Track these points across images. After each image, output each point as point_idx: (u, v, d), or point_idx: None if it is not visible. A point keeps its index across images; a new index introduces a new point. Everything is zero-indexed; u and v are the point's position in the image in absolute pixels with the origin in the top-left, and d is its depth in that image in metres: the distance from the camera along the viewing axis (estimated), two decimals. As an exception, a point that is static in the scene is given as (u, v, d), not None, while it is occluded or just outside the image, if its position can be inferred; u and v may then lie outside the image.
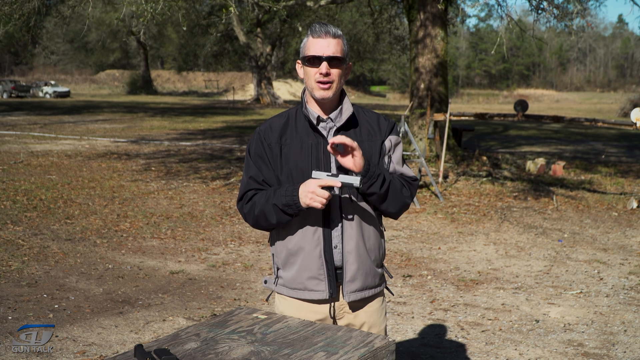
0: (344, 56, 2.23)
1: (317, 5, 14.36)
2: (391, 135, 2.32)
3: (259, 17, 32.82)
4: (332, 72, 2.20)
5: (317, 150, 2.23)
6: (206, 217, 7.87)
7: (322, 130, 2.25)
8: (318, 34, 2.21)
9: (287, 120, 2.29)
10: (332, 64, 2.20)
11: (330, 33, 2.21)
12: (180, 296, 5.05)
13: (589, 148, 17.23)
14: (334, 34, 2.21)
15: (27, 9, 12.54)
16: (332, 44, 2.20)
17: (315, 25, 2.23)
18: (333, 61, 2.20)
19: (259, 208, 2.21)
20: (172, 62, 55.84)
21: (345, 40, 2.26)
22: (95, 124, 21.68)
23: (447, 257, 6.44)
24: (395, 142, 2.33)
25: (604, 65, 75.76)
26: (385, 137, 2.31)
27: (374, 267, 2.31)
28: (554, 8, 12.19)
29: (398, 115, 16.31)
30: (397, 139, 2.34)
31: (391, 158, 2.31)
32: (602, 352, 4.13)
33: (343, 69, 2.23)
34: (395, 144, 2.33)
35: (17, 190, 9.08)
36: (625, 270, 6.06)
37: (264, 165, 2.26)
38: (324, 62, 2.19)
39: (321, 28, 2.22)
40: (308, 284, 2.27)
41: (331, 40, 2.20)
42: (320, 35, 2.20)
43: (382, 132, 2.30)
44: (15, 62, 58.06)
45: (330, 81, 2.20)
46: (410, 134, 9.50)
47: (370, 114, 2.35)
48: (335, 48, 2.20)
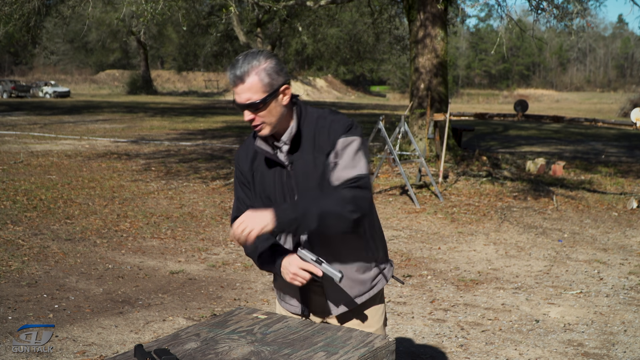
0: (264, 94, 2.03)
1: (317, 5, 14.36)
2: (341, 138, 2.10)
3: (259, 17, 32.80)
4: (256, 117, 2.06)
5: (281, 179, 2.18)
6: (206, 217, 7.87)
7: (281, 156, 2.17)
8: (231, 81, 2.05)
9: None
10: (252, 109, 2.05)
11: (238, 78, 2.02)
12: (180, 296, 5.05)
13: (589, 148, 17.23)
14: (242, 77, 2.02)
15: (27, 9, 12.54)
16: (244, 90, 2.03)
17: (228, 70, 2.05)
18: (251, 107, 2.05)
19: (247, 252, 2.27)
20: (172, 62, 55.85)
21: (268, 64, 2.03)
22: (95, 124, 21.68)
23: (447, 257, 6.44)
24: (345, 144, 2.10)
25: (604, 65, 75.78)
26: (333, 146, 2.10)
27: (358, 276, 2.23)
28: (554, 8, 12.19)
29: (398, 115, 16.31)
30: (349, 139, 2.10)
31: (337, 165, 2.10)
32: (602, 352, 4.13)
33: (269, 105, 2.06)
34: (344, 147, 2.09)
35: (17, 190, 9.08)
36: (625, 270, 6.06)
37: (247, 190, 2.26)
38: (245, 110, 2.06)
39: (230, 74, 2.04)
40: (285, 297, 2.33)
41: (242, 87, 2.03)
42: (232, 83, 2.05)
43: (331, 141, 2.10)
44: (15, 62, 58.07)
45: (259, 124, 2.08)
46: (410, 134, 9.50)
47: (324, 122, 2.14)
48: (248, 94, 2.03)
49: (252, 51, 2.07)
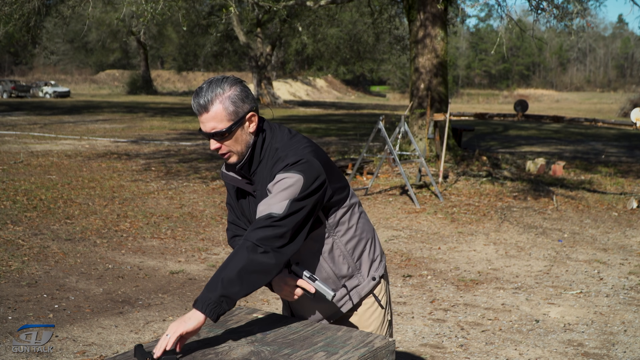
0: (229, 123, 2.01)
1: (317, 5, 14.37)
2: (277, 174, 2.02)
3: (259, 17, 32.82)
4: (222, 145, 2.05)
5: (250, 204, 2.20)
6: (206, 217, 7.87)
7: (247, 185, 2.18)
8: (195, 110, 2.03)
9: None
10: (218, 138, 2.03)
11: (202, 107, 2.00)
12: (180, 296, 5.05)
13: (589, 148, 17.22)
14: (205, 106, 1.99)
15: (27, 9, 12.54)
16: (208, 119, 2.00)
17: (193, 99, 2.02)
18: (216, 136, 2.02)
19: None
20: (172, 62, 55.86)
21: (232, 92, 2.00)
22: (95, 124, 21.68)
23: (447, 257, 6.44)
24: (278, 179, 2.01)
25: (604, 65, 75.77)
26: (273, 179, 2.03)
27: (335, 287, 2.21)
28: (554, 8, 12.18)
29: (398, 115, 16.31)
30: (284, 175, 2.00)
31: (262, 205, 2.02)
32: (602, 352, 4.13)
33: (235, 134, 2.03)
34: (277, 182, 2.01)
35: (17, 190, 9.08)
36: (625, 270, 6.06)
37: (233, 202, 2.31)
38: (211, 139, 2.04)
39: (194, 103, 2.01)
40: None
41: (206, 116, 2.00)
42: (196, 112, 2.02)
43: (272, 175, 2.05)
44: (15, 62, 58.08)
45: (225, 152, 2.07)
46: (410, 134, 9.50)
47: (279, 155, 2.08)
48: (213, 123, 2.00)
49: (217, 78, 2.04)
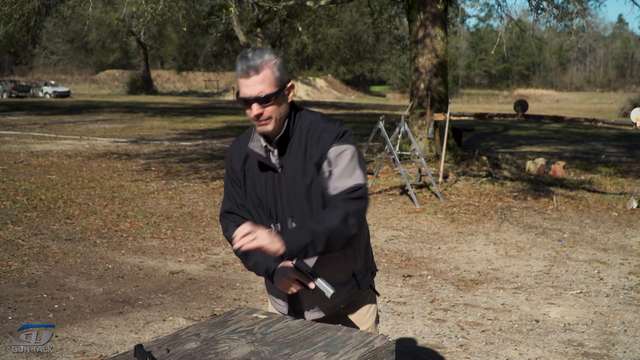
0: (275, 88, 2.06)
1: (317, 5, 14.37)
2: (333, 147, 2.09)
3: (259, 17, 32.81)
4: (265, 110, 2.07)
5: (272, 181, 2.18)
6: (206, 217, 7.87)
7: (273, 159, 2.18)
8: (241, 72, 2.04)
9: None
10: (263, 102, 2.06)
11: (252, 69, 2.02)
12: (180, 296, 5.05)
13: (589, 148, 17.22)
14: (257, 68, 2.03)
15: (27, 9, 12.55)
16: (257, 81, 2.03)
17: (238, 61, 2.05)
18: (262, 100, 2.05)
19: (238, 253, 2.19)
20: (172, 62, 55.88)
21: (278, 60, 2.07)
22: (95, 124, 21.68)
23: (447, 257, 6.44)
24: (338, 152, 2.08)
25: (604, 65, 75.77)
26: (324, 155, 2.09)
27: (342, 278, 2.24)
28: (554, 8, 12.19)
29: (398, 115, 16.31)
30: (342, 147, 2.09)
31: (332, 174, 2.08)
32: (602, 352, 4.13)
33: (279, 100, 2.08)
34: (337, 155, 2.08)
35: (17, 190, 9.08)
36: (625, 270, 6.06)
37: (238, 188, 2.27)
38: (254, 103, 2.05)
39: (242, 65, 2.03)
40: (273, 296, 2.36)
41: (256, 78, 2.03)
42: (244, 74, 2.04)
43: (320, 149, 2.10)
44: (15, 62, 58.09)
45: (266, 118, 2.08)
46: (410, 134, 9.50)
47: (315, 130, 2.14)
48: (261, 87, 2.04)
49: (260, 47, 2.09)
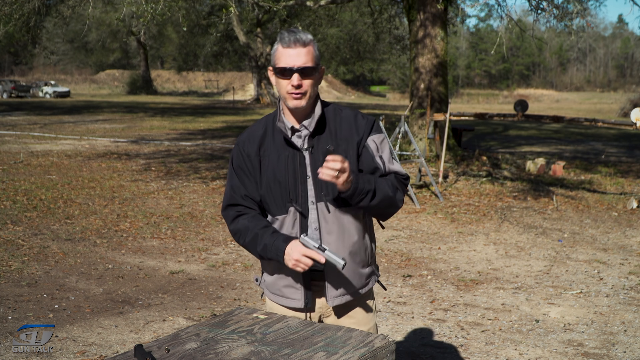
0: (316, 64, 2.16)
1: (317, 5, 14.36)
2: (373, 135, 2.25)
3: (259, 17, 32.82)
4: (304, 82, 2.14)
5: (294, 162, 2.20)
6: (206, 217, 7.87)
7: (297, 140, 2.22)
8: (287, 43, 2.12)
9: (265, 130, 2.26)
10: (304, 74, 2.13)
11: (300, 41, 2.12)
12: (180, 296, 5.05)
13: (589, 148, 17.22)
14: (304, 42, 2.13)
15: (27, 9, 12.55)
16: (302, 53, 2.12)
17: (284, 33, 2.14)
18: (304, 72, 2.13)
19: (244, 243, 2.24)
20: (172, 62, 55.83)
21: (316, 43, 2.19)
22: (95, 124, 21.68)
23: (447, 257, 6.44)
24: (380, 140, 2.26)
25: (604, 65, 75.76)
26: (365, 138, 2.24)
27: (358, 268, 2.28)
28: (554, 8, 12.18)
29: (398, 115, 16.31)
30: (380, 136, 2.27)
31: (382, 158, 2.25)
32: (602, 352, 4.13)
33: (315, 77, 2.17)
34: (381, 142, 2.26)
35: (17, 190, 9.08)
36: (625, 270, 6.06)
37: (246, 178, 2.25)
38: (295, 73, 2.12)
39: (290, 36, 2.12)
40: (285, 291, 2.29)
41: (301, 50, 2.12)
42: (290, 44, 2.12)
43: (360, 132, 2.24)
44: (15, 62, 58.07)
45: (302, 92, 2.15)
46: (410, 134, 9.50)
47: (348, 113, 2.28)
48: (306, 58, 2.13)
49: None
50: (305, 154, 2.21)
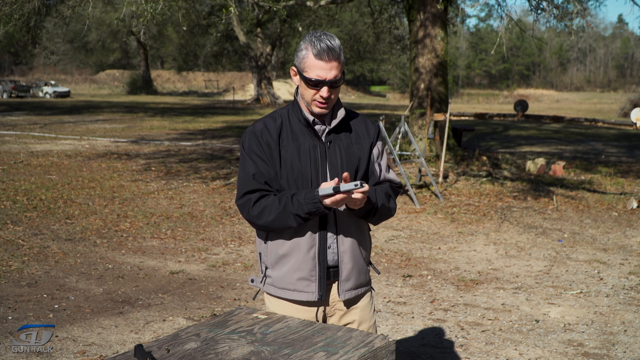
0: (343, 72, 2.18)
1: (317, 5, 14.37)
2: (378, 141, 2.36)
3: (259, 17, 32.82)
4: (332, 93, 2.18)
5: (315, 152, 2.23)
6: (206, 217, 7.87)
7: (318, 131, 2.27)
8: (320, 55, 2.10)
9: (282, 122, 2.26)
10: (333, 86, 2.16)
11: (333, 55, 2.11)
12: (180, 296, 5.05)
13: (589, 148, 17.22)
14: (337, 54, 2.12)
15: (27, 9, 12.55)
16: (334, 67, 2.12)
17: (316, 42, 2.11)
18: (334, 84, 2.16)
19: (275, 215, 2.15)
20: (172, 62, 55.84)
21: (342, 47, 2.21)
22: (95, 124, 21.68)
23: (447, 257, 6.44)
24: (382, 148, 2.37)
25: (604, 65, 75.74)
26: (374, 142, 2.34)
27: (364, 264, 2.36)
28: (554, 8, 12.18)
29: (398, 115, 16.31)
30: (382, 143, 2.38)
31: (381, 165, 2.35)
32: (602, 352, 4.13)
33: (341, 84, 2.21)
34: (382, 151, 2.37)
35: (17, 190, 9.08)
36: (625, 270, 6.06)
37: (264, 165, 2.21)
38: (325, 86, 2.14)
39: (323, 47, 2.10)
40: (298, 284, 2.26)
41: (334, 63, 2.12)
42: (322, 56, 2.10)
43: (371, 136, 2.33)
44: (15, 62, 58.08)
45: (329, 101, 2.20)
46: (410, 134, 9.50)
47: (356, 116, 2.36)
48: (337, 71, 2.14)
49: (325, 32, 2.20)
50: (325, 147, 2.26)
